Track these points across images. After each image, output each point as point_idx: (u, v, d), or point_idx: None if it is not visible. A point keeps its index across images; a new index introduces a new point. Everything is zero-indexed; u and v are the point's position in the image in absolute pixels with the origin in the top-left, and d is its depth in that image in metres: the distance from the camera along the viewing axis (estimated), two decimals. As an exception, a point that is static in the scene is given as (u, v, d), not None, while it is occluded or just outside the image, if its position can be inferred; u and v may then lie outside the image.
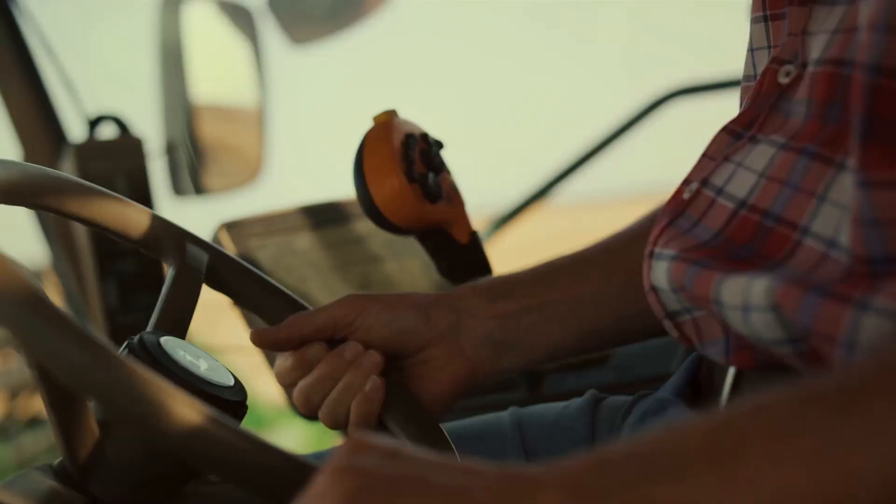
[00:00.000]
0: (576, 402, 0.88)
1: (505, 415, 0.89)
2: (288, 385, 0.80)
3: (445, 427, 0.81)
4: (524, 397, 1.09)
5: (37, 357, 0.57)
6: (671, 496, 0.42)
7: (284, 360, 0.79)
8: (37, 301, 0.55)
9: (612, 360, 1.09)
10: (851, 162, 0.55)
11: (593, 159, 1.86)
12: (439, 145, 0.91)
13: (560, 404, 0.89)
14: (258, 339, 0.79)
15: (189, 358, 0.69)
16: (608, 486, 0.43)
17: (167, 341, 0.69)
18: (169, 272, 0.78)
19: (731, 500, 0.42)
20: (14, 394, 4.72)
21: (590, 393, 0.88)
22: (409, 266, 1.19)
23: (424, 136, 0.90)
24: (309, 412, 0.79)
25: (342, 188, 0.93)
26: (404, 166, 0.86)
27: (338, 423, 0.78)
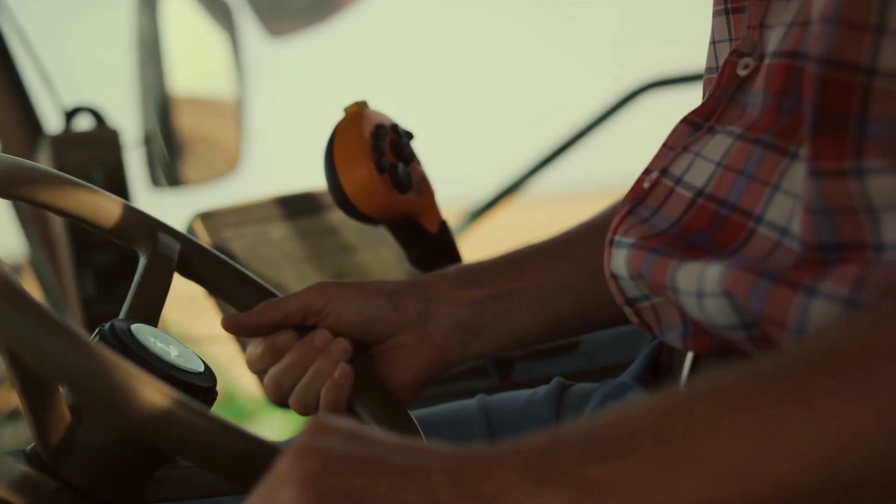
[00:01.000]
0: (542, 389, 0.89)
1: (472, 402, 0.91)
2: (259, 372, 0.81)
3: (414, 414, 0.82)
4: (494, 385, 1.10)
5: (7, 342, 0.58)
6: (618, 474, 0.43)
7: (255, 347, 0.81)
8: (8, 287, 0.56)
9: (581, 348, 1.10)
10: (804, 152, 0.57)
11: (568, 152, 1.88)
12: (409, 136, 0.92)
13: (527, 392, 0.90)
14: (229, 325, 0.81)
15: (160, 345, 0.70)
16: (558, 465, 0.44)
17: (138, 328, 0.70)
18: (141, 261, 0.79)
19: (677, 478, 0.43)
20: (-6, 387, 4.70)
21: (556, 380, 0.90)
22: (382, 256, 1.20)
23: (395, 127, 0.91)
24: (279, 399, 0.80)
25: (319, 180, 0.94)
26: (374, 156, 0.87)
27: (307, 410, 0.79)
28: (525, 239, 0.90)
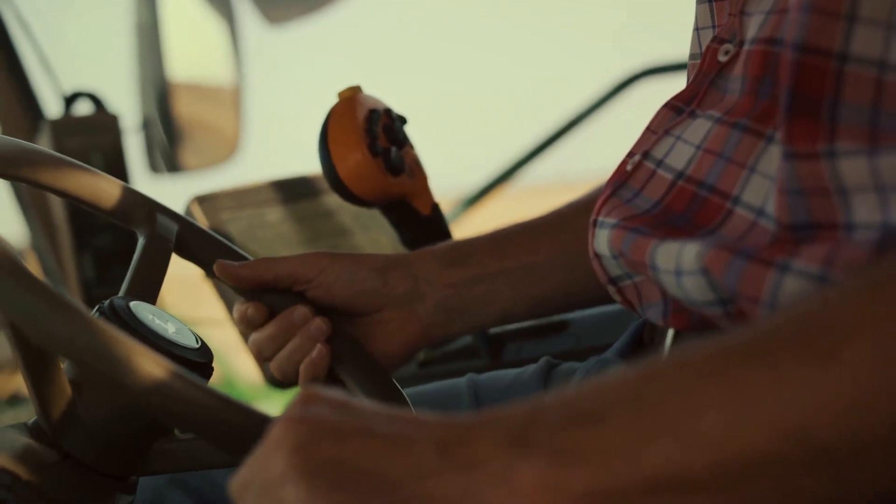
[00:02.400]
0: (530, 368, 0.91)
1: (462, 380, 0.93)
2: (241, 334, 0.84)
3: (405, 392, 0.84)
4: (484, 365, 1.12)
5: (10, 317, 0.60)
6: (593, 440, 0.44)
7: (235, 311, 0.83)
8: (10, 263, 0.58)
9: (570, 329, 1.12)
10: (779, 135, 0.59)
11: (561, 140, 1.89)
12: (402, 120, 0.94)
13: (515, 370, 0.92)
14: (221, 270, 0.83)
15: (157, 321, 0.71)
16: (537, 433, 0.45)
17: (136, 305, 0.72)
18: (139, 241, 0.81)
19: (649, 445, 0.44)
20: (-6, 373, 4.71)
21: (544, 359, 0.92)
22: (375, 238, 1.22)
23: (388, 112, 0.93)
24: (262, 362, 0.84)
25: (316, 166, 0.96)
26: (368, 140, 0.89)
27: (287, 378, 0.82)
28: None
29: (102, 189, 0.81)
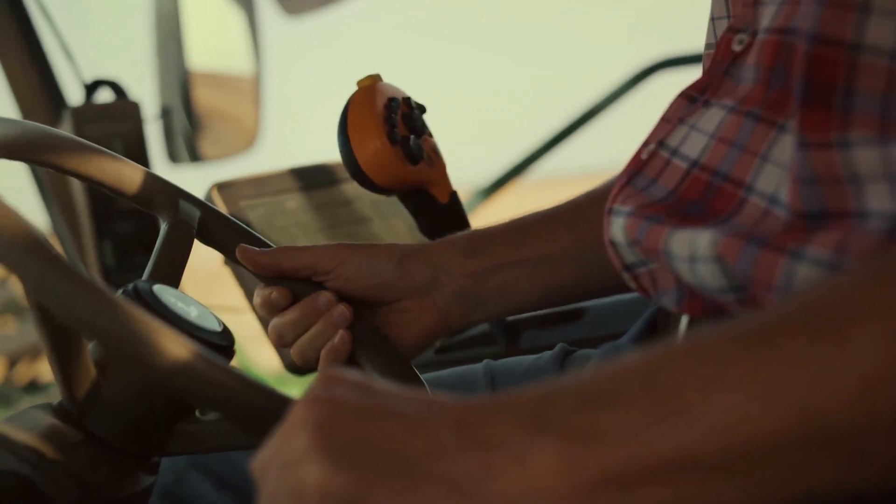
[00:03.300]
0: (546, 354, 0.92)
1: (479, 367, 0.94)
2: (262, 318, 0.85)
3: (422, 378, 0.85)
4: (501, 351, 1.13)
5: (37, 297, 0.61)
6: (607, 422, 0.45)
7: (256, 296, 0.85)
8: (37, 245, 0.59)
9: (585, 317, 1.13)
10: (792, 124, 0.59)
11: (578, 132, 1.89)
12: (421, 109, 0.95)
13: (531, 357, 0.93)
14: (242, 255, 0.84)
15: (180, 305, 0.73)
16: (552, 415, 0.46)
17: (160, 289, 0.73)
18: (162, 227, 0.83)
19: (661, 427, 0.45)
20: (13, 360, 4.76)
21: (559, 346, 0.93)
22: (393, 226, 1.23)
23: (407, 100, 0.94)
24: (281, 346, 0.85)
25: (335, 155, 0.97)
26: (387, 128, 0.90)
27: (307, 363, 0.83)
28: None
29: (126, 175, 0.82)
